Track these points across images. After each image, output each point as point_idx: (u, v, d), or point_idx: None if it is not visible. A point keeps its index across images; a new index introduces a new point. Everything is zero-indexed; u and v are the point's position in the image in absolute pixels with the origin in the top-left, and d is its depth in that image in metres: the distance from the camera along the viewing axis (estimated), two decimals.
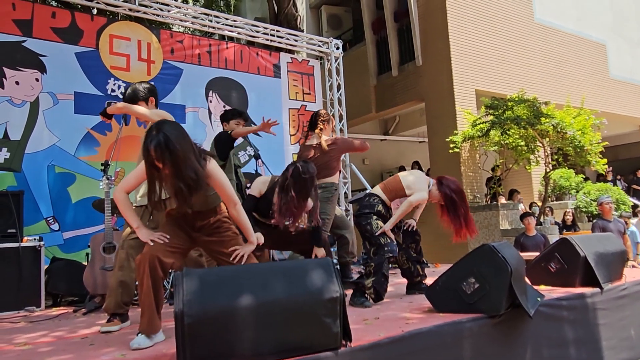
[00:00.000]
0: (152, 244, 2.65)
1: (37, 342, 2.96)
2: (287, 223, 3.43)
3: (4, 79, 5.55)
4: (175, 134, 2.51)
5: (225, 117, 4.94)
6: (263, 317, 2.15)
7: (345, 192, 8.35)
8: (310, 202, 3.52)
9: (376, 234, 3.67)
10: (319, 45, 8.58)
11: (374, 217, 3.75)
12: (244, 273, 2.33)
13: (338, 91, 8.55)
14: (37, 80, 5.76)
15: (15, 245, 4.38)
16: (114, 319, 3.21)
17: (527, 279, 3.54)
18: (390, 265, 3.93)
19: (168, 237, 2.71)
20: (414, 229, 4.16)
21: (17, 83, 5.63)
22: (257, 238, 3.38)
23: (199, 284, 2.18)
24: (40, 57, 5.81)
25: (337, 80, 8.55)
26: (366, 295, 3.61)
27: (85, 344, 2.81)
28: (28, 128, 5.64)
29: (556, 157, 9.19)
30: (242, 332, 2.12)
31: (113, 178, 4.45)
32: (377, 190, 3.94)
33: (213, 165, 2.67)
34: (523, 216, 7.03)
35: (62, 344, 2.87)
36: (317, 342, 2.23)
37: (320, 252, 3.70)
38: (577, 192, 9.99)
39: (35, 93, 5.74)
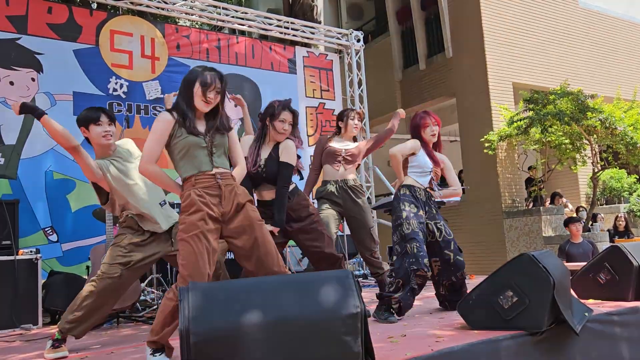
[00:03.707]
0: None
1: None
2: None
3: None
4: None
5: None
6: (276, 336, 2.13)
7: (368, 197, 8.31)
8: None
9: (405, 234, 3.64)
10: (338, 38, 8.58)
11: (403, 206, 3.76)
12: (255, 287, 2.31)
13: (359, 87, 8.54)
14: (33, 80, 5.88)
15: (10, 258, 4.46)
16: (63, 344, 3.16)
17: (573, 292, 3.46)
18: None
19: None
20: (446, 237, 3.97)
21: (11, 83, 5.74)
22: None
23: (205, 300, 2.17)
24: (36, 56, 5.92)
25: (357, 75, 8.54)
26: (392, 309, 3.58)
27: None
28: (24, 131, 5.74)
29: (605, 155, 9.02)
30: (253, 351, 2.10)
31: None
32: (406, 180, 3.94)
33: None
34: (568, 221, 6.90)
35: None
36: None
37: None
38: (630, 194, 9.79)
39: (31, 94, 5.85)
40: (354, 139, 4.61)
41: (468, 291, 3.82)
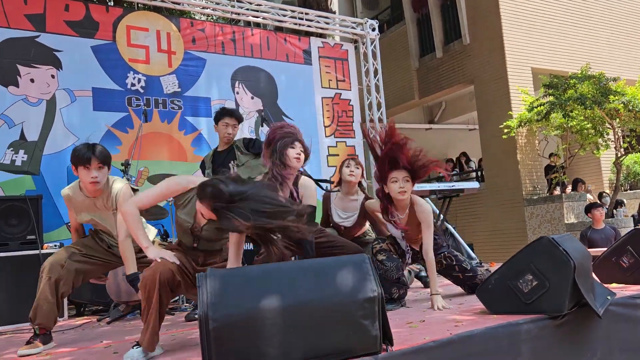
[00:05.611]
0: (159, 260, 2.68)
1: (57, 351, 3.06)
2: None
3: (18, 77, 5.77)
4: None
5: (215, 119, 4.63)
6: (294, 320, 2.15)
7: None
8: None
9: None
10: (353, 27, 8.54)
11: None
12: (272, 273, 2.33)
13: (375, 77, 8.49)
14: (52, 76, 5.97)
15: (36, 252, 4.55)
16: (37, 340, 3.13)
17: (595, 276, 3.42)
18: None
19: (178, 261, 2.76)
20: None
21: (32, 81, 5.84)
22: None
23: (223, 285, 2.19)
24: (55, 53, 6.01)
25: (373, 64, 8.49)
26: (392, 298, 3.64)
27: (108, 353, 2.89)
28: (45, 128, 5.85)
29: (629, 139, 8.88)
30: (272, 336, 2.12)
31: (135, 178, 4.57)
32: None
33: None
34: (589, 207, 6.82)
35: (83, 353, 2.97)
36: (354, 347, 2.21)
37: None
38: None
39: (51, 90, 5.95)
40: (358, 186, 4.40)
41: None
